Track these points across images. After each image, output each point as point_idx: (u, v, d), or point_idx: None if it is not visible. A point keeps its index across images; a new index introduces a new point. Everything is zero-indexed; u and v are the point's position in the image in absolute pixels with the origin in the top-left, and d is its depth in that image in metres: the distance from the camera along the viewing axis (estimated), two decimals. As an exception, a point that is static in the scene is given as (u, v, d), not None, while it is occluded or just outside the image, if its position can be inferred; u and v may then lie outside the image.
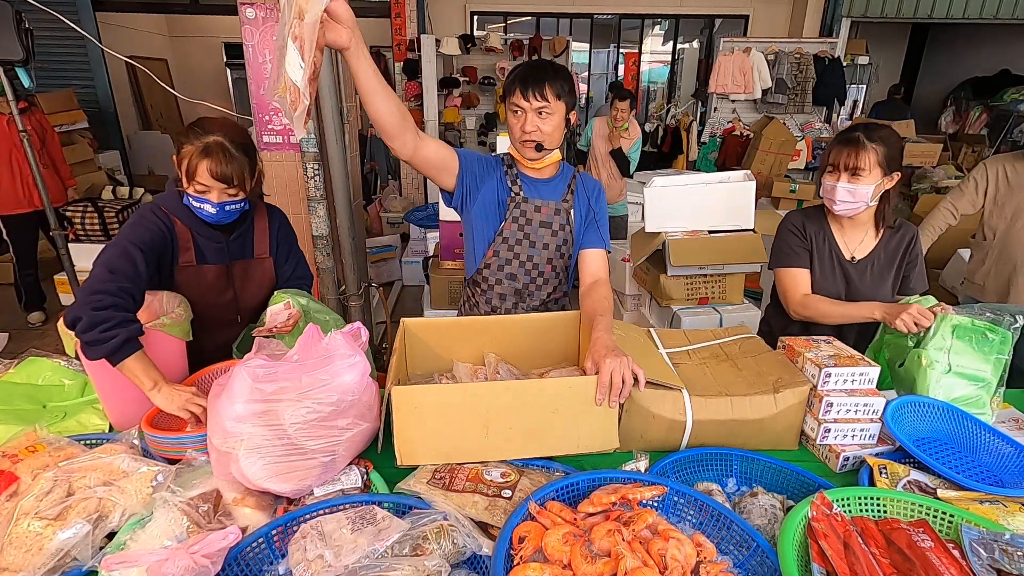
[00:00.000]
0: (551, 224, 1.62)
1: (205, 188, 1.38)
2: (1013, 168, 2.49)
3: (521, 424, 1.15)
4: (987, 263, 2.62)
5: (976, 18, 6.39)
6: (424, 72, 6.02)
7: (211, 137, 1.36)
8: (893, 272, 1.73)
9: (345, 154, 2.76)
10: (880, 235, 1.72)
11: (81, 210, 4.21)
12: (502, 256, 1.64)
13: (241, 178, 1.41)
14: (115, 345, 1.19)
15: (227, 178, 1.37)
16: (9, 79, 3.07)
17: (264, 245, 1.60)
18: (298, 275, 1.66)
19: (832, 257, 1.73)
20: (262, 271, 1.60)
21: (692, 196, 2.71)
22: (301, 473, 1.03)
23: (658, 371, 1.31)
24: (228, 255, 1.54)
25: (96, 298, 1.20)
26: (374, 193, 6.85)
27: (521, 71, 1.52)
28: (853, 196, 1.60)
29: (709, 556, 0.92)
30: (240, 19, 2.67)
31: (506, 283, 1.66)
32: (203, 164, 1.35)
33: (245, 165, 1.42)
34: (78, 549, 0.92)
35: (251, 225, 1.58)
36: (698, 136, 6.93)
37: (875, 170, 1.57)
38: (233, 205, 1.43)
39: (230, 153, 1.38)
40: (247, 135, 1.46)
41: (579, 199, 1.67)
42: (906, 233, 1.72)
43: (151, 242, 1.38)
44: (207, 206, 1.40)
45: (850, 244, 1.73)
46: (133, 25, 7.88)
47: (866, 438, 1.27)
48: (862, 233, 1.72)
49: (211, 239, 1.50)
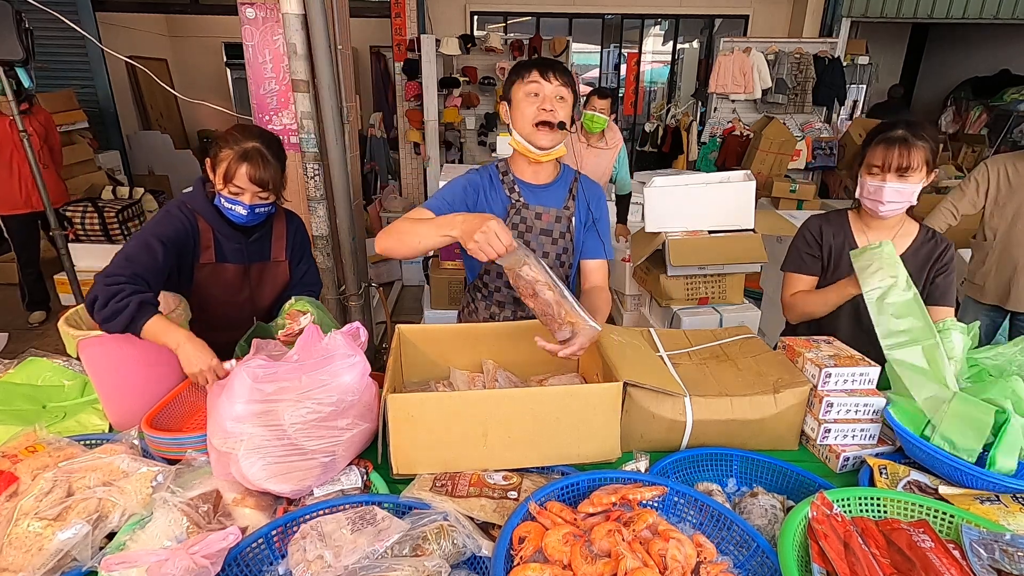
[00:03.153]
0: (551, 232, 1.58)
1: (240, 191, 1.45)
2: (1014, 168, 2.49)
3: (521, 433, 1.14)
4: (987, 264, 2.62)
5: (976, 18, 6.38)
6: (424, 72, 6.01)
7: (250, 143, 1.44)
8: (922, 280, 1.66)
9: (345, 154, 2.76)
10: (913, 240, 1.67)
11: (81, 210, 4.22)
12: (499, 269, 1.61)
13: (276, 183, 1.50)
14: (131, 312, 1.21)
15: (264, 183, 1.45)
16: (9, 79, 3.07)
17: (281, 248, 1.66)
18: (307, 281, 1.71)
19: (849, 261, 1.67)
20: (278, 274, 1.66)
21: (692, 196, 2.71)
22: (301, 473, 1.03)
23: (659, 376, 1.31)
24: (247, 256, 1.59)
25: (110, 279, 1.26)
26: (374, 193, 6.84)
27: (530, 61, 1.48)
28: (901, 196, 1.54)
29: (709, 556, 0.91)
30: (240, 19, 2.66)
31: (504, 291, 1.64)
32: (242, 168, 1.42)
33: (279, 171, 1.50)
34: (78, 549, 0.92)
35: (270, 228, 1.64)
36: (698, 136, 6.92)
37: (923, 168, 1.52)
38: (263, 208, 1.51)
39: (267, 159, 1.46)
40: (279, 143, 1.54)
41: (580, 205, 1.62)
42: (940, 243, 1.65)
43: (174, 237, 1.43)
44: (238, 207, 1.46)
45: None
46: (133, 25, 7.88)
47: (866, 438, 1.27)
48: (889, 234, 1.67)
49: (232, 239, 1.55)
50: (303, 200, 2.86)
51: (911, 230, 1.68)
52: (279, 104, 2.81)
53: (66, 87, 5.70)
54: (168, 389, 1.31)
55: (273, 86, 2.78)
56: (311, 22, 2.48)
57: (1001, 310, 2.67)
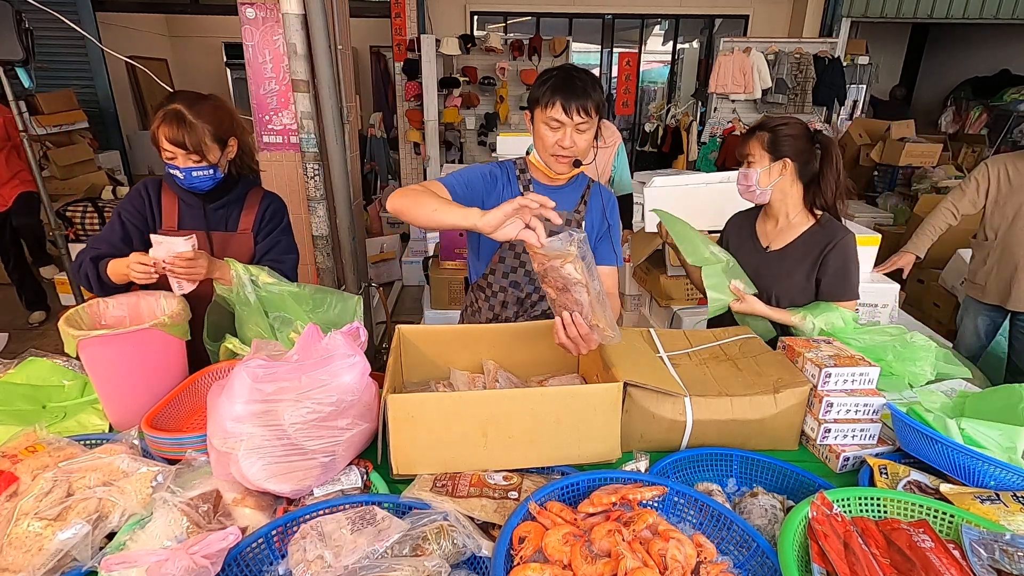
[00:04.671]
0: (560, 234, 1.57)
1: (171, 154, 1.49)
2: (1015, 168, 2.49)
3: (521, 433, 1.14)
4: (988, 263, 2.62)
5: (976, 18, 6.38)
6: (424, 72, 6.02)
7: (172, 105, 1.48)
8: (807, 267, 1.69)
9: (345, 154, 2.76)
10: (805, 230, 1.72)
11: (81, 210, 4.22)
12: (507, 263, 1.61)
13: (199, 145, 1.49)
14: (93, 271, 1.48)
15: (182, 144, 1.47)
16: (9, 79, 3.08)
17: (249, 222, 1.68)
18: (271, 258, 1.68)
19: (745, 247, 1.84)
20: (241, 245, 1.68)
21: (692, 196, 2.71)
22: (301, 473, 1.03)
23: (659, 376, 1.31)
24: (208, 224, 1.64)
25: (79, 256, 1.51)
26: (374, 193, 6.85)
27: (558, 81, 1.40)
28: (744, 180, 1.71)
29: (709, 556, 0.91)
30: (240, 19, 2.67)
31: (510, 291, 1.64)
32: (161, 130, 1.47)
33: (205, 133, 1.50)
34: (78, 549, 0.92)
35: (241, 201, 1.67)
36: (698, 136, 6.92)
37: (762, 157, 1.68)
38: (200, 171, 1.53)
39: (187, 121, 1.47)
40: (218, 109, 1.55)
41: (592, 211, 1.60)
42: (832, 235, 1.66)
43: (131, 210, 1.59)
44: (177, 172, 1.51)
45: (767, 234, 1.81)
46: (133, 25, 7.88)
47: (866, 438, 1.27)
48: (774, 225, 1.79)
49: (193, 206, 1.62)
50: (303, 200, 2.87)
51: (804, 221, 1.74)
52: (279, 104, 2.81)
53: (66, 87, 5.71)
54: (168, 389, 1.31)
55: (273, 86, 2.78)
56: (311, 22, 2.48)
57: (1002, 310, 2.67)
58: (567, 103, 1.38)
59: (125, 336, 1.25)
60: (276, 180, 2.94)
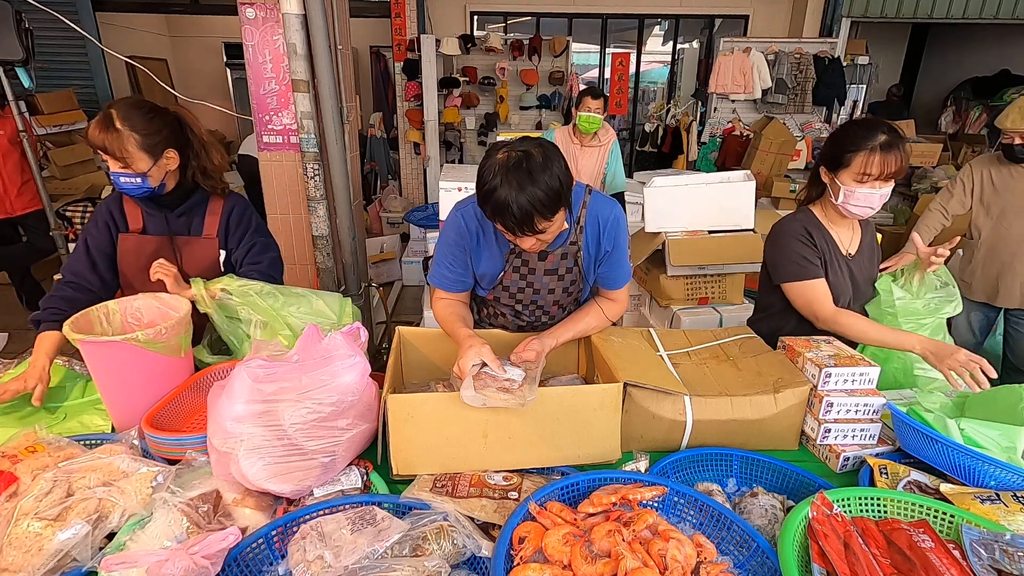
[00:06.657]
0: (557, 270, 1.45)
1: (104, 159, 1.44)
2: (997, 170, 2.54)
3: (522, 433, 1.14)
4: (974, 262, 2.66)
5: (976, 18, 6.38)
6: (424, 72, 6.01)
7: (108, 108, 1.42)
8: (876, 263, 1.78)
9: (345, 154, 2.76)
10: (859, 229, 1.75)
11: (81, 210, 4.22)
12: (503, 302, 1.53)
13: (120, 152, 1.40)
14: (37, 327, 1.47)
15: (102, 147, 1.42)
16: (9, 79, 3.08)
17: (213, 227, 1.66)
18: (250, 260, 1.67)
19: (835, 256, 1.68)
20: (204, 249, 1.66)
21: (692, 196, 2.71)
22: (301, 474, 1.03)
23: (659, 376, 1.31)
24: (170, 229, 1.62)
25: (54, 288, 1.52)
26: (374, 193, 6.85)
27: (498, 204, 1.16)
28: (883, 200, 1.56)
29: (709, 556, 0.91)
30: (240, 19, 2.66)
31: (510, 317, 1.57)
32: (89, 131, 1.43)
33: (130, 141, 1.41)
34: (78, 550, 0.92)
35: (204, 207, 1.65)
36: (698, 136, 6.92)
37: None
38: (128, 179, 1.46)
39: (113, 126, 1.40)
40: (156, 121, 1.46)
41: (589, 235, 1.43)
42: (869, 224, 1.77)
43: (94, 232, 1.58)
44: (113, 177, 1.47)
45: (844, 240, 1.72)
46: (133, 25, 7.87)
47: (866, 438, 1.27)
48: (849, 228, 1.73)
49: (153, 213, 1.60)
50: (303, 200, 2.86)
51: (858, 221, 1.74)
52: (279, 104, 2.81)
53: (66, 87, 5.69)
54: (169, 389, 1.31)
55: (273, 86, 2.78)
56: (311, 22, 2.48)
57: (993, 306, 2.69)
58: (520, 232, 1.22)
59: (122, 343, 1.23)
60: (276, 180, 2.94)
